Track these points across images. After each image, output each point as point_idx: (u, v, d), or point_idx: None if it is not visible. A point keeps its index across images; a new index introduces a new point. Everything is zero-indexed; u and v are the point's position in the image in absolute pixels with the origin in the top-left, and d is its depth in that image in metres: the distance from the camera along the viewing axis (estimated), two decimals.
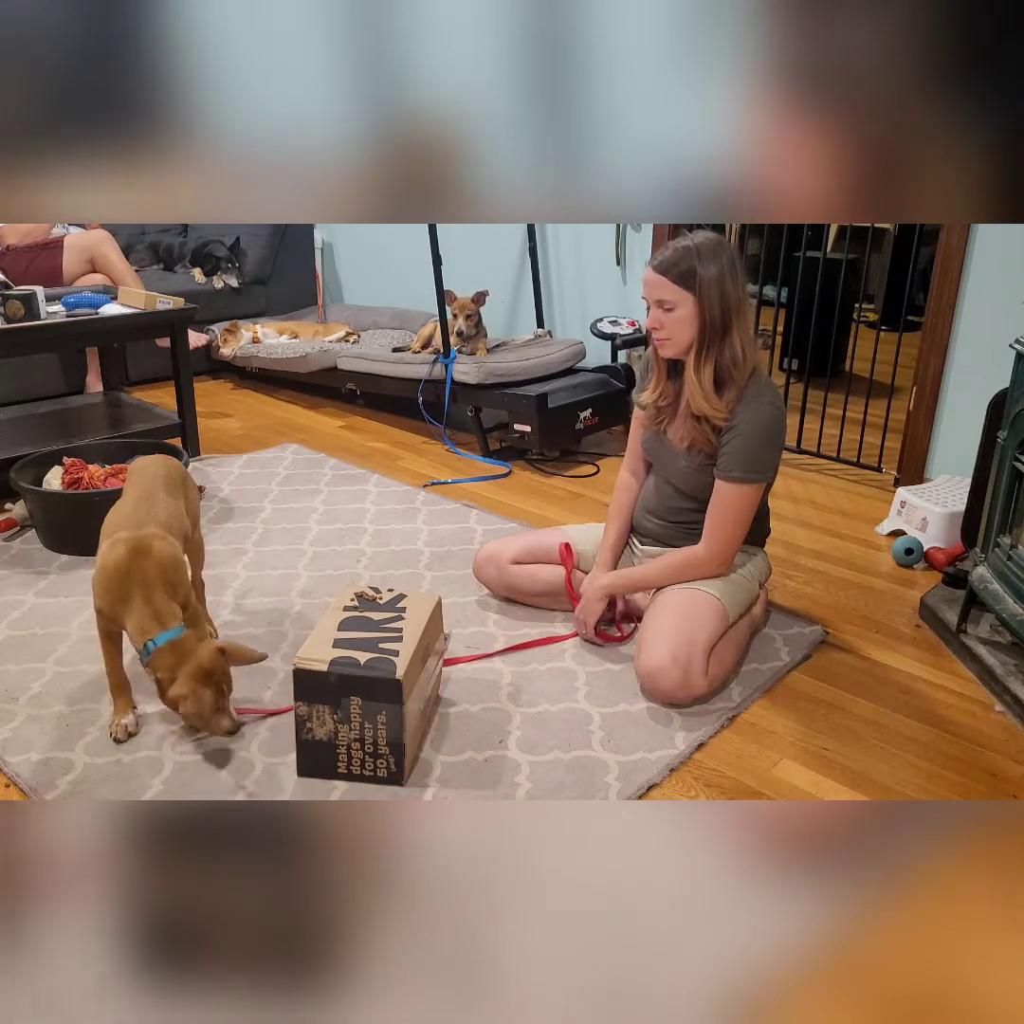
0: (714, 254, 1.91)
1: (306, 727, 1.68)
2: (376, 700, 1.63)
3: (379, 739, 1.66)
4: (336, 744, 1.68)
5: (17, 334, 2.88)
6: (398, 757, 1.68)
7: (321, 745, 1.68)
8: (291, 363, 4.06)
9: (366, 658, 1.65)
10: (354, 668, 1.63)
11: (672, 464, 2.11)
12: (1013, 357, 2.05)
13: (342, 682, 1.63)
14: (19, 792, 1.69)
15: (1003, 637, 2.15)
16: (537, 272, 4.00)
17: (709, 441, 2.00)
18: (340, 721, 1.66)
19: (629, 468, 2.27)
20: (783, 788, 1.75)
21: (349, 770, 1.70)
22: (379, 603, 1.85)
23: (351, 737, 1.67)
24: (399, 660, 1.65)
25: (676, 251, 1.92)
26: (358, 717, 1.65)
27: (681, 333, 1.95)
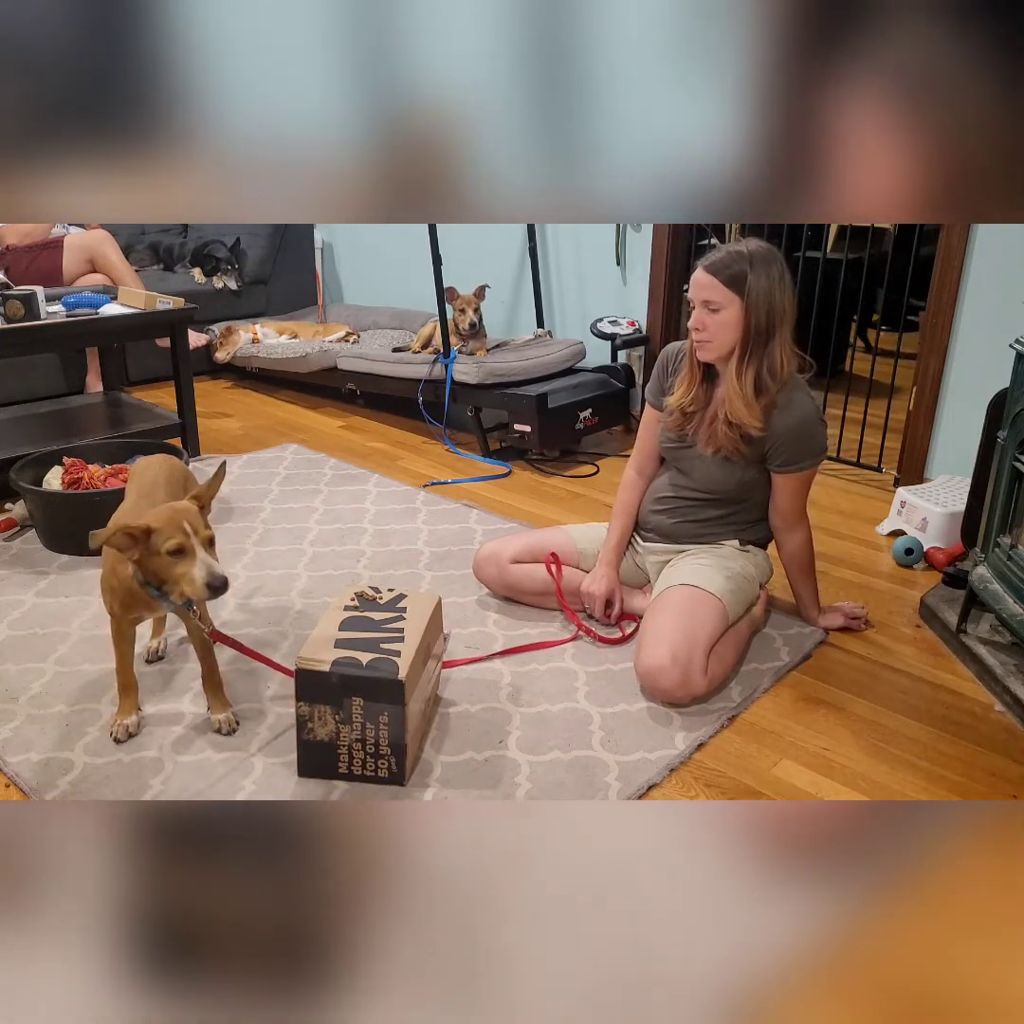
0: (766, 262, 1.92)
1: (307, 727, 1.68)
2: (378, 701, 1.63)
3: (380, 740, 1.66)
4: (337, 744, 1.68)
5: (17, 334, 2.88)
6: (399, 757, 1.68)
7: (322, 745, 1.68)
8: (291, 363, 4.06)
9: (368, 658, 1.65)
10: (356, 668, 1.63)
11: (694, 463, 2.13)
12: (1013, 357, 2.05)
13: (344, 682, 1.63)
14: (19, 792, 1.69)
15: (1003, 637, 2.15)
16: (537, 272, 4.00)
17: (738, 449, 2.03)
18: (342, 721, 1.66)
19: (636, 467, 2.27)
20: (783, 788, 1.75)
21: (350, 770, 1.69)
22: (379, 603, 1.85)
23: (352, 737, 1.67)
24: (401, 661, 1.65)
25: (729, 254, 1.93)
26: (360, 717, 1.65)
27: (724, 336, 1.97)
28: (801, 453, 2.03)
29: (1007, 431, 2.08)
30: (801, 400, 2.01)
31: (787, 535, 2.16)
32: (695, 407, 2.09)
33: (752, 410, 1.98)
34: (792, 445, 2.02)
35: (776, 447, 2.03)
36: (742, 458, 2.05)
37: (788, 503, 2.11)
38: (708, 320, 1.96)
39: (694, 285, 1.98)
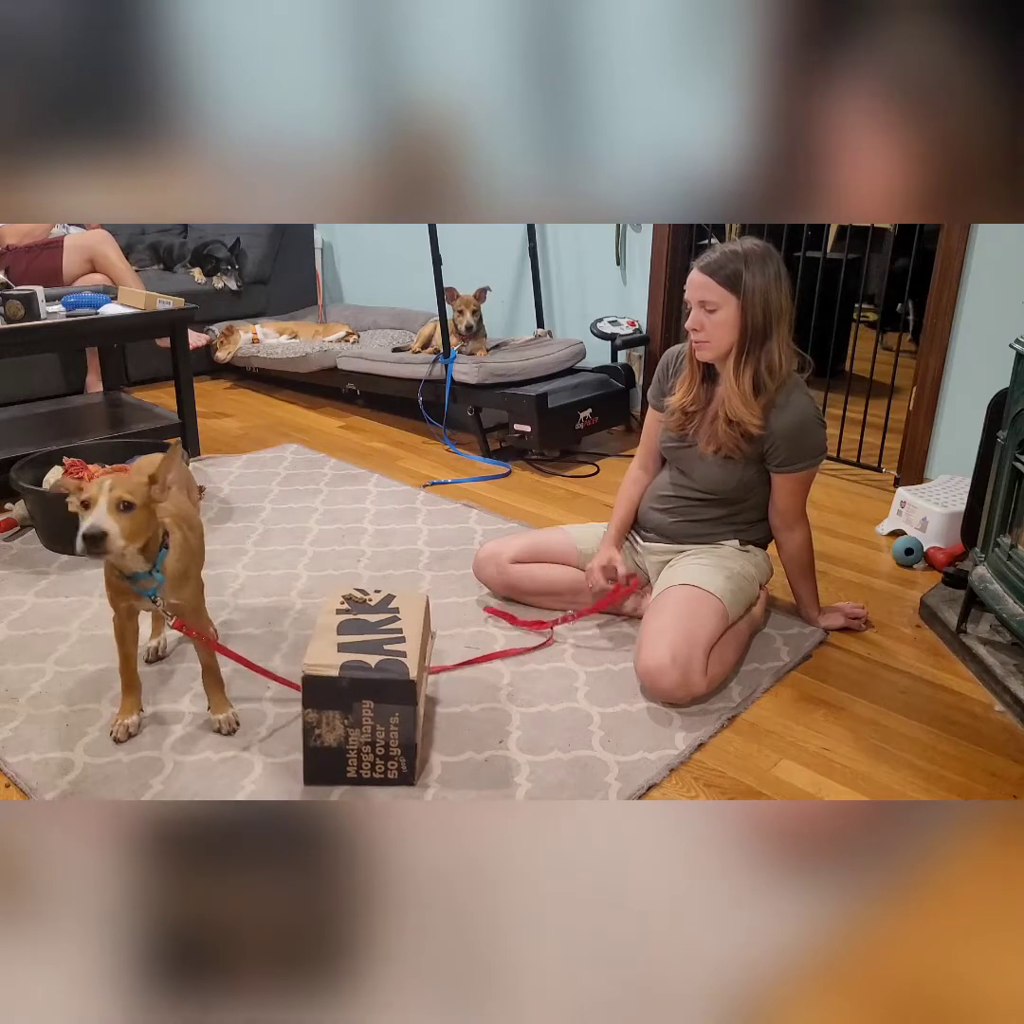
0: (762, 261, 1.93)
1: (315, 734, 1.66)
2: (389, 702, 1.63)
3: (391, 741, 1.66)
4: (347, 749, 1.67)
5: (17, 334, 2.88)
6: (410, 758, 1.67)
7: (330, 751, 1.67)
8: (291, 363, 4.06)
9: (376, 660, 1.65)
10: (366, 671, 1.63)
11: (695, 463, 2.13)
12: (1013, 357, 2.05)
13: (354, 686, 1.62)
14: (19, 792, 1.69)
15: (1003, 637, 2.15)
16: (537, 272, 4.00)
17: (739, 447, 2.03)
18: (351, 725, 1.65)
19: (640, 464, 2.29)
20: (783, 788, 1.75)
21: (359, 774, 1.68)
22: (370, 604, 1.84)
23: (362, 741, 1.66)
24: (408, 661, 1.65)
25: (724, 254, 1.94)
26: (370, 720, 1.64)
27: (722, 336, 1.97)
28: (799, 454, 2.03)
29: (1007, 431, 2.08)
30: (799, 400, 2.01)
31: (786, 535, 2.16)
32: (696, 406, 2.10)
33: (751, 408, 1.98)
34: (790, 445, 2.02)
35: (774, 447, 2.03)
36: (743, 456, 2.05)
37: (787, 503, 2.11)
38: (705, 320, 1.96)
39: (690, 286, 1.98)
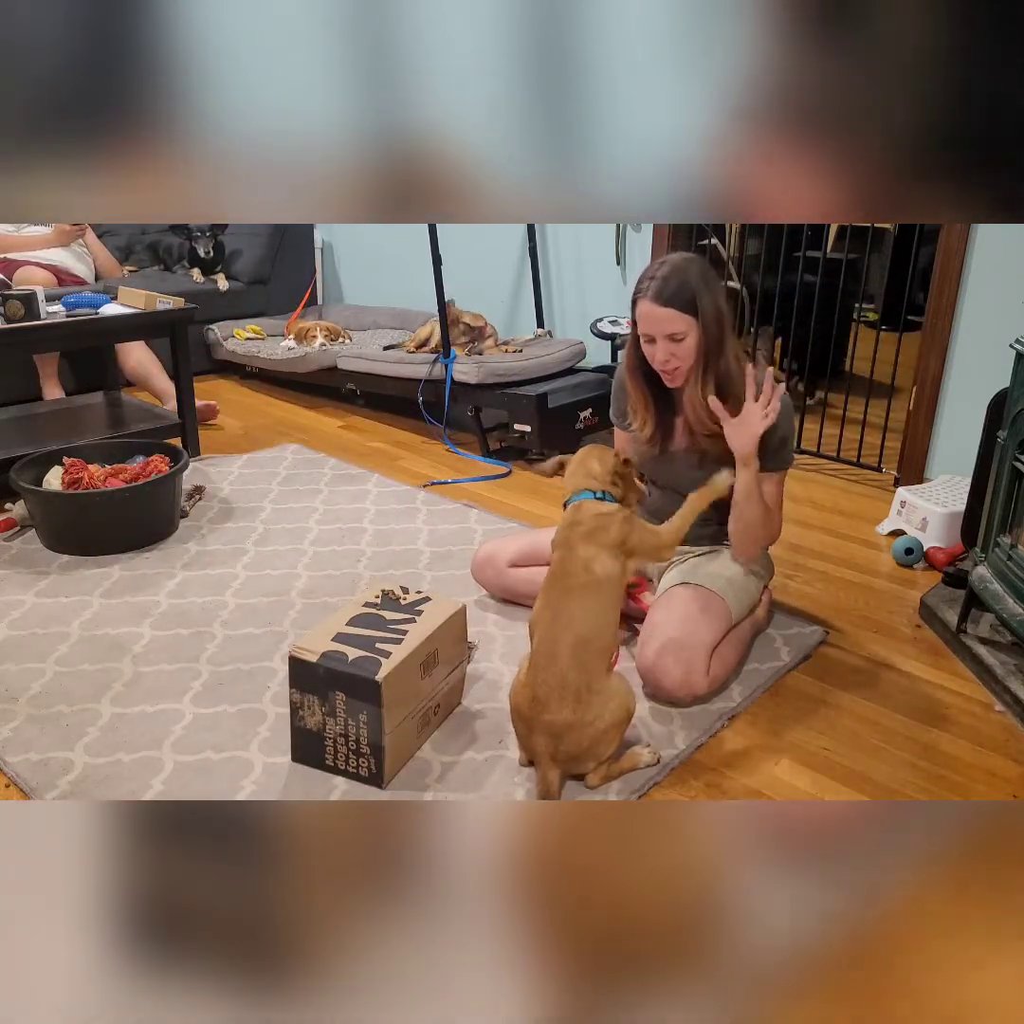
0: (700, 273, 1.90)
1: (299, 714, 1.72)
2: (358, 699, 1.65)
3: (361, 738, 1.68)
4: (324, 735, 1.71)
5: (17, 334, 2.88)
6: (378, 759, 1.68)
7: (311, 734, 1.72)
8: (291, 363, 4.06)
9: (356, 655, 1.66)
10: (341, 664, 1.65)
11: (681, 475, 2.09)
12: (1013, 357, 2.05)
13: (329, 676, 1.66)
14: (19, 792, 1.69)
15: (1003, 637, 2.15)
16: (537, 272, 4.00)
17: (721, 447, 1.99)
18: (327, 714, 1.69)
19: None
20: (783, 788, 1.75)
21: (336, 763, 1.72)
22: (401, 604, 1.86)
23: (337, 731, 1.69)
24: (387, 662, 1.65)
25: (668, 280, 1.88)
26: (343, 713, 1.67)
27: (690, 359, 1.94)
28: (763, 452, 1.97)
29: (1007, 431, 2.08)
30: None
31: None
32: (661, 429, 2.08)
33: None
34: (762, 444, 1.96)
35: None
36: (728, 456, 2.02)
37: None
38: (675, 349, 1.92)
39: (650, 320, 1.90)
